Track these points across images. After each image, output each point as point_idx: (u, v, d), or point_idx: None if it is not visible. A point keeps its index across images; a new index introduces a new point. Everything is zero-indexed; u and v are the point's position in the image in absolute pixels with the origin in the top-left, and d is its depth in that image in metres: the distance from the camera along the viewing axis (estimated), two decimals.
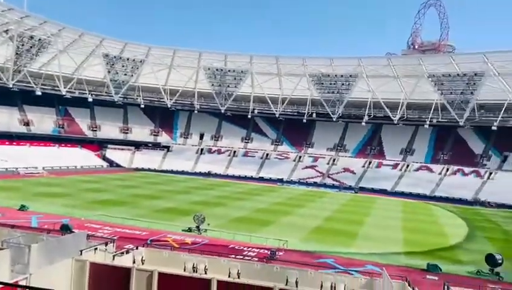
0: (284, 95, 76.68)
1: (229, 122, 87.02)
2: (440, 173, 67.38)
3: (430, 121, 68.96)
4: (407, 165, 70.92)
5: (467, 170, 66.31)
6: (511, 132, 65.15)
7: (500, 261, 22.55)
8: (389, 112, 69.61)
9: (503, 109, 60.77)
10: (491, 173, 64.12)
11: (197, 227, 28.01)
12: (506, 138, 66.14)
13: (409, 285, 12.83)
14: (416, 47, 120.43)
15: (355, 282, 13.22)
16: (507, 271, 22.71)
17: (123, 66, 71.91)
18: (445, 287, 12.97)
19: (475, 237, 34.16)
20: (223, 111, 79.01)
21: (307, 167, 74.85)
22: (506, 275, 22.12)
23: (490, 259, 22.78)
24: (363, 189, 65.29)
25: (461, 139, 73.02)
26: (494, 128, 63.95)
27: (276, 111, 77.68)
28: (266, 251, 23.68)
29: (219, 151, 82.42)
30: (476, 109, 64.07)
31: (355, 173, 71.37)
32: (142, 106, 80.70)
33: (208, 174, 72.84)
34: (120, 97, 75.90)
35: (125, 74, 72.86)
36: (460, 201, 57.97)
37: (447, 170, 67.46)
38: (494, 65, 58.67)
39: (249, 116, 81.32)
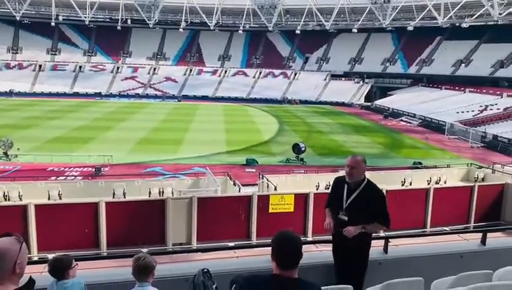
0: None
1: (28, 32, 74.72)
2: (254, 77, 72.49)
3: (243, 27, 71.87)
4: (225, 71, 73.94)
5: (276, 72, 72.73)
6: (311, 35, 72.92)
7: (303, 149, 26.44)
8: (205, 17, 69.65)
9: (305, 13, 66.81)
10: (295, 74, 71.90)
11: (5, 153, 24.80)
12: (307, 40, 73.84)
13: (230, 178, 14.10)
14: None
15: (182, 184, 13.88)
16: (309, 156, 26.88)
17: None
18: (260, 175, 14.69)
19: (284, 131, 38.93)
20: (18, 18, 67.20)
21: (126, 78, 71.18)
22: (309, 159, 26.19)
23: (296, 148, 26.45)
24: (186, 97, 66.19)
25: (271, 43, 78.66)
26: (297, 32, 70.74)
27: (85, 17, 69.79)
28: (90, 169, 22.70)
29: (20, 66, 71.29)
30: (283, 14, 69.09)
31: (177, 82, 71.30)
32: None
33: (10, 94, 63.22)
34: None
35: None
36: (271, 101, 64.20)
37: (260, 73, 72.87)
38: None
39: (53, 24, 71.27)
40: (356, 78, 68.44)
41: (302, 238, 4.86)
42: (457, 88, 56.61)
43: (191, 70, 74.31)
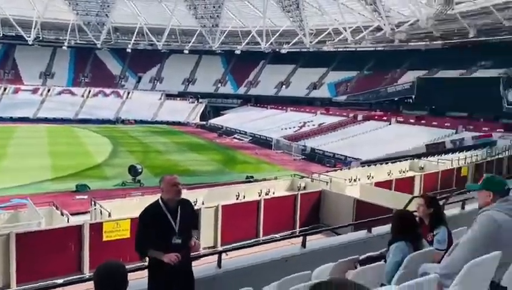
0: None
1: None
2: (83, 96, 67.71)
3: (68, 43, 66.77)
4: (49, 90, 67.27)
5: (107, 91, 69.31)
6: (143, 55, 71.89)
7: (140, 170, 25.68)
8: (22, 31, 62.46)
9: (135, 32, 65.59)
10: (129, 93, 69.72)
11: None
12: (139, 59, 72.48)
13: (57, 208, 12.79)
14: None
15: None
16: (147, 177, 26.19)
17: None
18: (92, 202, 13.70)
19: (119, 153, 37.21)
20: None
21: None
22: (146, 180, 25.51)
23: (132, 169, 25.53)
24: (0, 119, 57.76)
25: (100, 61, 74.78)
26: (128, 50, 68.98)
27: None
28: None
29: None
30: (112, 32, 66.53)
31: None
32: None
33: None
34: None
35: None
36: (104, 121, 60.82)
37: (89, 92, 68.44)
38: None
39: None
40: (191, 97, 69.93)
41: (134, 265, 4.69)
42: (280, 107, 62.65)
43: (5, 88, 65.34)
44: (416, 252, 3.49)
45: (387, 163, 23.66)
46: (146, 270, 4.01)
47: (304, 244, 5.25)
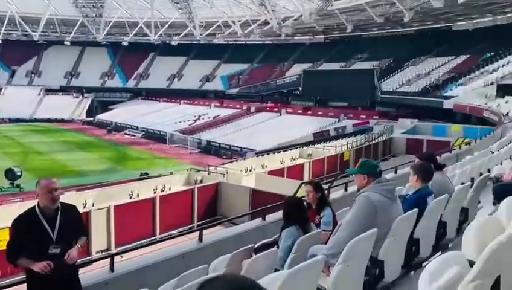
0: None
1: None
2: None
3: None
4: None
5: None
6: (17, 46, 64.76)
7: (19, 174, 23.22)
8: None
9: (6, 21, 58.86)
10: (1, 89, 62.53)
11: None
12: (12, 51, 65.20)
13: None
14: None
15: None
16: (27, 181, 23.79)
17: None
18: None
19: None
20: None
21: None
22: (27, 185, 23.18)
23: (9, 173, 22.99)
24: None
25: None
26: None
27: None
28: None
29: None
30: None
31: None
32: None
33: None
34: None
35: None
36: None
37: None
38: None
39: None
40: (75, 92, 65.07)
41: (18, 278, 4.26)
42: (173, 100, 61.52)
43: None
44: (305, 235, 3.71)
45: (279, 152, 24.73)
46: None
47: (200, 239, 5.26)
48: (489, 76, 33.03)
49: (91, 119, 59.55)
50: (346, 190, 7.70)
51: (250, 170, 18.95)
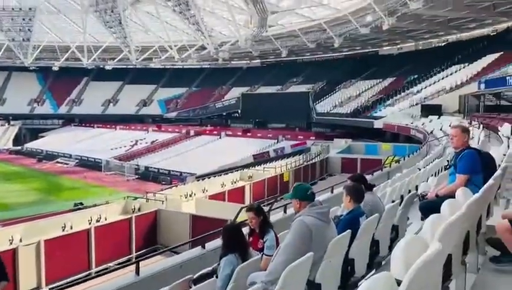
0: None
1: None
2: None
3: None
4: None
5: None
6: None
7: None
8: None
9: None
10: None
11: None
12: None
13: None
14: None
15: None
16: None
17: None
18: None
19: None
20: None
21: None
22: None
23: None
24: None
25: None
26: None
27: None
28: None
29: None
30: None
31: None
32: None
33: None
34: None
35: None
36: None
37: None
38: None
39: None
40: (0, 120, 60.92)
41: None
42: (108, 126, 59.48)
43: None
44: (245, 262, 3.69)
45: (220, 175, 24.63)
46: None
47: (137, 272, 5.04)
48: (413, 97, 35.40)
49: (19, 148, 55.88)
50: (285, 212, 7.80)
51: (190, 195, 18.62)
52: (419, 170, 10.03)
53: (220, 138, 47.81)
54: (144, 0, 44.69)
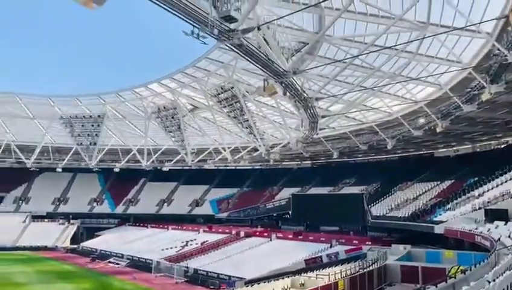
0: None
1: None
2: None
3: None
4: None
5: None
6: (8, 173, 65.22)
7: None
8: None
9: (1, 149, 60.16)
10: None
11: None
12: (2, 178, 65.34)
13: None
14: None
15: None
16: None
17: None
18: None
19: None
20: None
21: None
22: None
23: None
24: None
25: None
26: None
27: None
28: None
29: None
30: None
31: None
32: None
33: None
34: None
35: None
36: None
37: None
38: None
39: None
40: (61, 218, 63.89)
41: None
42: (161, 226, 60.38)
43: None
44: None
45: (270, 281, 23.53)
46: None
47: None
48: (476, 201, 33.36)
49: (75, 246, 57.48)
50: None
51: None
52: (489, 283, 9.06)
53: (270, 240, 46.70)
54: (202, 107, 47.77)
